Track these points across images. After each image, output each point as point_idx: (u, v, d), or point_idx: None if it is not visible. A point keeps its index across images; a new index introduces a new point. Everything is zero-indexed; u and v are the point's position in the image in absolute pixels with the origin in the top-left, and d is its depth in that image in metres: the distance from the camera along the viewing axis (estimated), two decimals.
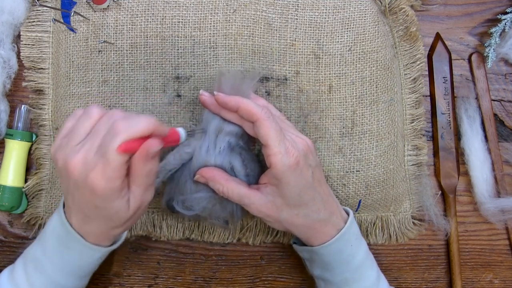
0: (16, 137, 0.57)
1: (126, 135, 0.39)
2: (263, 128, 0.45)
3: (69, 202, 0.44)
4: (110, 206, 0.42)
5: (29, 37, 0.57)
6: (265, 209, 0.49)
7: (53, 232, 0.46)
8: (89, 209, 0.43)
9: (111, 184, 0.40)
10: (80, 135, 0.42)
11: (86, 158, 0.40)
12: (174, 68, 0.55)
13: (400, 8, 0.58)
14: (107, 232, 0.46)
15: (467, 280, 0.63)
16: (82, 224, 0.45)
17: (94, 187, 0.40)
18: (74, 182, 0.41)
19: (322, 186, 0.50)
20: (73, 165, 0.40)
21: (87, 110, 0.43)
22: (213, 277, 0.61)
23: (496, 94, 0.63)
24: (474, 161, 0.62)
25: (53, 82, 0.58)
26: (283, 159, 0.45)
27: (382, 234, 0.61)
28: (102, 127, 0.41)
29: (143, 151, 0.40)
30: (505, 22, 0.61)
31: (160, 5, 0.55)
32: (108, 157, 0.39)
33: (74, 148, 0.41)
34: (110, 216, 0.43)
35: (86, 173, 0.40)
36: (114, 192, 0.41)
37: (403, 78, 0.61)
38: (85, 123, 0.42)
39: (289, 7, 0.56)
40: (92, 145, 0.41)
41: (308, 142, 0.49)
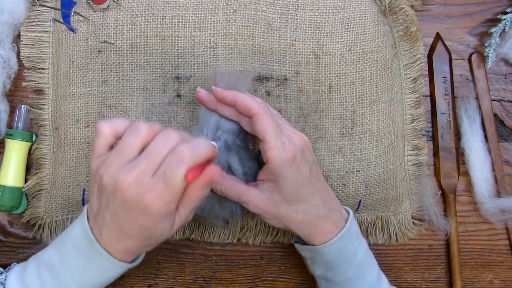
0: (16, 137, 0.57)
1: (192, 162, 0.39)
2: (260, 122, 0.45)
3: (106, 218, 0.43)
4: (157, 227, 0.42)
5: (29, 37, 0.57)
6: (263, 205, 0.49)
7: (74, 244, 0.45)
8: (131, 229, 0.42)
9: (167, 207, 0.40)
10: (130, 153, 0.41)
11: (142, 179, 0.40)
12: (174, 68, 0.55)
13: (400, 8, 0.58)
14: (139, 249, 0.45)
15: (467, 280, 0.63)
16: (114, 242, 0.44)
17: (149, 209, 0.40)
18: (123, 201, 0.40)
19: (320, 182, 0.50)
20: (127, 185, 0.40)
21: (133, 126, 0.42)
22: (213, 277, 0.61)
23: (496, 94, 0.63)
24: (474, 161, 0.62)
25: (53, 82, 0.58)
26: (279, 153, 0.45)
27: (382, 234, 0.61)
28: (160, 149, 0.41)
29: (207, 178, 0.41)
30: (505, 22, 0.61)
31: (160, 5, 0.55)
32: (171, 183, 0.39)
33: (126, 167, 0.40)
34: (152, 236, 0.43)
35: (142, 193, 0.40)
36: (167, 214, 0.41)
37: (403, 78, 0.61)
38: (134, 140, 0.41)
39: (289, 7, 0.56)
40: (149, 166, 0.40)
41: (304, 138, 0.49)
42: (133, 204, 0.40)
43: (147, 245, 0.45)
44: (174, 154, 0.40)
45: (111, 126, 0.43)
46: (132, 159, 0.41)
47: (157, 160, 0.40)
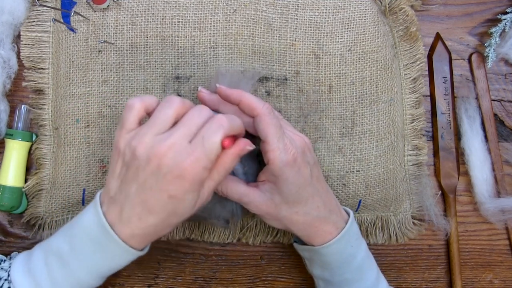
0: (16, 137, 0.57)
1: (230, 129, 0.42)
2: (263, 123, 0.46)
3: (130, 193, 0.42)
4: (186, 197, 0.42)
5: (29, 37, 0.57)
6: (264, 206, 0.49)
7: (85, 231, 0.45)
8: (158, 200, 0.42)
9: (203, 173, 0.41)
10: (165, 124, 0.42)
11: (179, 145, 0.41)
12: (174, 68, 0.55)
13: (400, 8, 0.58)
14: (157, 232, 0.45)
15: (467, 280, 0.63)
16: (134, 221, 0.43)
17: (186, 174, 0.40)
18: (157, 168, 0.41)
19: (320, 183, 0.50)
20: (164, 150, 0.40)
21: (167, 99, 0.43)
22: (213, 277, 0.61)
23: (496, 94, 0.63)
24: (474, 161, 0.62)
25: (53, 82, 0.58)
26: (281, 155, 0.46)
27: (382, 234, 0.61)
28: (195, 119, 0.42)
29: (241, 146, 0.43)
30: (505, 22, 0.61)
31: (160, 5, 0.55)
32: (209, 148, 0.41)
33: (161, 136, 0.41)
34: (177, 210, 0.43)
35: (179, 159, 0.40)
36: (200, 181, 0.42)
37: (403, 78, 0.61)
38: (169, 112, 0.42)
39: (289, 7, 0.56)
40: (184, 133, 0.41)
41: (305, 139, 0.49)
42: (169, 169, 0.41)
43: (166, 225, 0.44)
44: (213, 121, 0.42)
45: (142, 100, 0.44)
46: (166, 129, 0.42)
47: (194, 127, 0.42)
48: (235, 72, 0.55)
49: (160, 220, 0.43)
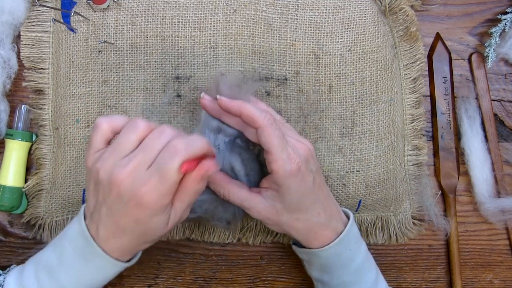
0: (16, 137, 0.57)
1: (187, 154, 0.40)
2: (266, 135, 0.45)
3: (102, 214, 0.43)
4: (152, 221, 0.42)
5: (29, 37, 0.57)
6: (265, 212, 0.49)
7: (71, 244, 0.45)
8: (126, 223, 0.42)
9: (162, 200, 0.41)
10: (126, 148, 0.42)
11: (137, 172, 0.40)
12: (174, 68, 0.55)
13: (400, 8, 0.58)
14: (135, 247, 0.45)
15: (467, 280, 0.63)
16: (110, 238, 0.44)
17: (144, 202, 0.40)
18: (118, 194, 0.41)
19: (322, 189, 0.50)
20: (122, 178, 0.40)
21: (131, 122, 0.43)
22: (213, 277, 0.61)
23: (496, 94, 0.63)
24: (474, 161, 0.62)
25: (53, 82, 0.58)
26: (285, 165, 0.45)
27: (382, 234, 0.61)
28: (155, 143, 0.41)
29: (202, 172, 0.41)
30: (505, 22, 0.61)
31: (160, 5, 0.55)
32: (165, 175, 0.40)
33: (121, 161, 0.41)
34: (147, 231, 0.43)
35: (137, 187, 0.40)
36: (162, 208, 0.41)
37: (403, 78, 0.61)
38: (131, 136, 0.42)
39: (289, 7, 0.56)
40: (143, 160, 0.41)
41: (309, 146, 0.49)
42: (128, 197, 0.41)
43: (142, 242, 0.45)
44: (168, 147, 0.40)
45: (109, 121, 0.44)
46: (128, 154, 0.42)
47: (152, 154, 0.41)
48: (237, 75, 0.55)
49: (133, 239, 0.44)
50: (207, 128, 0.50)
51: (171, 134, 0.42)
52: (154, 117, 0.55)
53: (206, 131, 0.50)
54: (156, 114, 0.55)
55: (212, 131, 0.50)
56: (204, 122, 0.51)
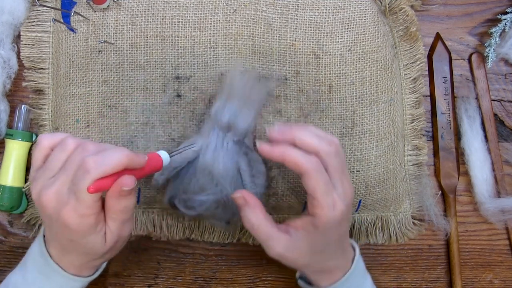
0: (16, 137, 0.57)
1: (97, 173, 0.38)
2: (312, 181, 0.43)
3: (47, 233, 0.44)
4: (85, 241, 0.42)
5: (29, 37, 0.57)
6: (287, 253, 0.46)
7: (33, 261, 0.46)
8: (64, 242, 0.43)
9: (84, 220, 0.40)
10: (55, 167, 0.41)
11: (59, 193, 0.40)
12: (174, 68, 0.55)
13: (400, 8, 0.58)
14: (86, 264, 0.46)
15: (467, 280, 0.63)
16: (61, 256, 0.44)
17: (67, 223, 0.40)
18: (48, 216, 0.41)
19: (347, 235, 0.49)
20: (47, 200, 0.40)
21: (62, 141, 0.42)
22: (213, 277, 0.61)
23: (496, 94, 0.63)
24: (474, 161, 0.62)
25: (53, 82, 0.58)
26: (329, 212, 0.43)
27: (382, 234, 0.61)
28: (74, 161, 0.40)
29: (116, 189, 0.40)
30: (505, 22, 0.61)
31: (160, 5, 0.55)
32: (79, 195, 0.39)
33: (48, 181, 0.41)
34: (86, 250, 0.43)
35: (59, 208, 0.40)
36: (88, 228, 0.41)
37: (403, 78, 0.61)
38: (61, 155, 0.41)
39: (289, 7, 0.56)
40: (65, 180, 0.40)
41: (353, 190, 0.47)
42: (55, 218, 0.41)
43: (91, 259, 0.45)
44: (81, 166, 0.39)
45: (49, 138, 0.43)
46: (56, 173, 0.41)
47: (71, 173, 0.40)
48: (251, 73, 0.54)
49: (79, 256, 0.44)
50: (216, 126, 0.50)
51: (90, 150, 0.40)
52: (154, 117, 0.55)
53: (215, 129, 0.50)
54: (156, 114, 0.55)
55: (222, 130, 0.50)
56: (213, 120, 0.51)
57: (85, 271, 0.46)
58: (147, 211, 0.58)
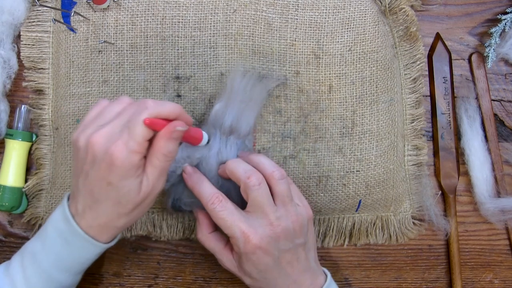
0: (16, 137, 0.57)
1: (154, 111, 0.41)
2: (215, 214, 0.48)
3: (80, 184, 0.44)
4: (123, 184, 0.42)
5: (29, 37, 0.57)
6: (232, 270, 0.51)
7: (53, 226, 0.46)
8: (100, 188, 0.43)
9: (131, 157, 0.41)
10: (107, 117, 0.43)
11: (111, 133, 0.41)
12: (174, 68, 0.55)
13: (400, 8, 0.58)
14: (111, 222, 0.45)
15: (467, 280, 0.63)
16: (87, 211, 0.44)
17: (114, 158, 0.41)
18: (93, 156, 0.42)
19: (292, 265, 0.49)
20: (96, 139, 0.41)
21: (118, 98, 0.45)
22: (213, 277, 0.61)
23: (496, 94, 0.63)
24: (474, 161, 0.62)
25: (53, 82, 0.58)
26: (238, 243, 0.47)
27: (382, 234, 0.61)
28: (131, 108, 0.43)
29: (170, 127, 0.42)
30: (505, 22, 0.61)
31: (160, 5, 0.55)
32: (133, 129, 0.40)
33: (100, 126, 0.42)
34: (119, 198, 0.43)
35: (108, 144, 0.41)
36: (131, 167, 0.42)
37: (403, 78, 0.61)
38: (115, 107, 0.44)
39: (289, 7, 0.56)
40: (119, 123, 0.42)
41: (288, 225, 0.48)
42: (101, 157, 0.41)
43: (118, 214, 0.45)
44: (139, 105, 0.42)
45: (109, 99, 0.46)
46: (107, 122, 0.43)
47: (126, 117, 0.42)
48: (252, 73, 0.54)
49: (108, 209, 0.44)
50: (218, 130, 0.50)
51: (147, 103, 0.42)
52: None
53: (217, 133, 0.50)
54: None
55: (224, 133, 0.50)
56: (214, 123, 0.51)
57: (105, 235, 0.46)
58: (147, 211, 0.58)
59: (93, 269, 0.59)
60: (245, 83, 0.50)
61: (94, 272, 0.59)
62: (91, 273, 0.59)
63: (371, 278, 0.62)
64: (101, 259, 0.59)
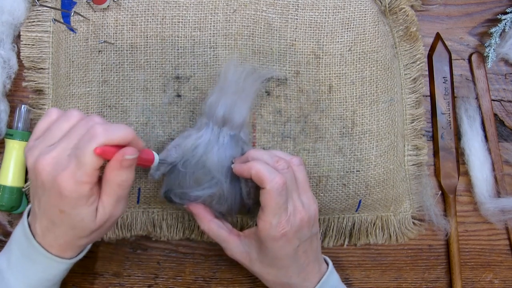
0: (16, 137, 0.57)
1: (104, 139, 0.38)
2: (267, 197, 0.45)
3: (35, 206, 0.43)
4: (76, 212, 0.41)
5: (29, 37, 0.57)
6: (239, 257, 0.50)
7: (16, 244, 0.45)
8: (54, 214, 0.41)
9: (79, 188, 0.39)
10: (55, 136, 0.41)
11: (58, 159, 0.39)
12: (174, 68, 0.55)
13: (400, 8, 0.58)
14: (71, 242, 0.44)
15: (467, 280, 0.63)
16: (46, 232, 0.43)
17: (62, 189, 0.39)
18: (42, 183, 0.40)
19: (307, 256, 0.49)
20: (43, 165, 0.39)
21: (66, 112, 0.42)
22: (213, 277, 0.61)
23: (496, 94, 0.63)
24: (474, 161, 0.62)
25: (53, 82, 0.58)
26: (270, 230, 0.46)
27: (382, 234, 0.61)
28: (79, 129, 0.40)
29: (120, 156, 0.39)
30: (505, 22, 0.62)
31: (160, 5, 0.55)
32: (81, 159, 0.38)
33: (47, 148, 0.40)
34: (75, 224, 0.42)
35: (55, 173, 0.39)
36: (81, 197, 0.40)
37: (403, 78, 0.61)
38: (63, 125, 0.41)
39: (289, 7, 0.56)
40: (66, 146, 0.40)
41: (311, 213, 0.47)
42: (49, 185, 0.40)
43: (77, 237, 0.43)
44: (87, 131, 0.39)
45: (59, 110, 0.43)
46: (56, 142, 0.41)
47: (74, 140, 0.40)
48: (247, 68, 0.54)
49: (64, 232, 0.43)
50: (211, 121, 0.50)
51: (97, 122, 0.40)
52: (154, 117, 0.55)
53: (210, 124, 0.50)
54: (156, 114, 0.55)
55: (217, 124, 0.50)
56: (208, 114, 0.50)
57: (69, 252, 0.45)
58: (147, 211, 0.58)
59: (93, 269, 0.59)
60: (239, 74, 0.50)
61: (94, 272, 0.59)
62: (91, 273, 0.59)
63: (371, 278, 0.62)
64: (101, 259, 0.59)
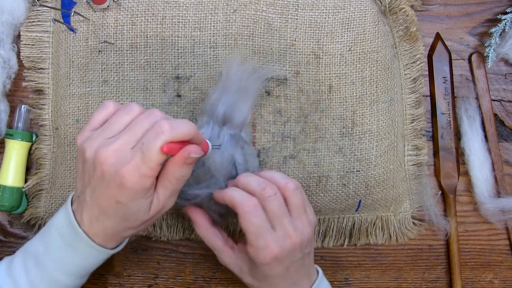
0: (16, 137, 0.57)
1: (171, 135, 0.39)
2: (242, 221, 0.45)
3: (86, 196, 0.43)
4: (132, 204, 0.42)
5: (29, 37, 0.57)
6: (231, 267, 0.50)
7: (57, 230, 0.45)
8: (108, 205, 0.42)
9: (143, 181, 0.40)
10: (116, 129, 0.42)
11: (121, 151, 0.40)
12: (174, 68, 0.55)
13: (400, 8, 0.58)
14: (118, 233, 0.45)
15: (467, 280, 0.63)
16: (94, 222, 0.44)
17: (124, 182, 0.40)
18: (102, 173, 0.41)
19: (298, 272, 0.49)
20: (105, 156, 0.40)
21: (126, 105, 0.43)
22: (213, 277, 0.61)
23: (496, 94, 0.63)
24: (474, 161, 0.62)
25: (53, 82, 0.58)
26: (258, 253, 0.46)
27: (382, 234, 0.61)
28: (142, 123, 0.41)
29: (185, 154, 0.41)
30: (505, 22, 0.62)
31: (160, 5, 0.55)
32: (148, 155, 0.39)
33: (108, 140, 0.41)
34: (128, 215, 0.43)
35: (119, 165, 0.40)
36: (142, 190, 0.41)
37: (403, 78, 0.61)
38: (124, 118, 0.42)
39: (289, 7, 0.56)
40: (129, 139, 0.40)
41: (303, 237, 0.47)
42: (110, 176, 0.40)
43: (125, 227, 0.44)
44: (154, 127, 0.40)
45: (116, 104, 0.44)
46: (116, 134, 0.41)
47: (138, 134, 0.41)
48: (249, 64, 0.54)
49: (116, 223, 0.44)
50: (212, 120, 0.50)
51: (160, 116, 0.42)
52: None
53: (210, 122, 0.50)
54: None
55: (217, 123, 0.50)
56: (209, 112, 0.50)
57: (112, 242, 0.46)
58: None
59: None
60: (241, 72, 0.50)
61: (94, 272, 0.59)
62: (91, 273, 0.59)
63: (371, 278, 0.62)
64: None
